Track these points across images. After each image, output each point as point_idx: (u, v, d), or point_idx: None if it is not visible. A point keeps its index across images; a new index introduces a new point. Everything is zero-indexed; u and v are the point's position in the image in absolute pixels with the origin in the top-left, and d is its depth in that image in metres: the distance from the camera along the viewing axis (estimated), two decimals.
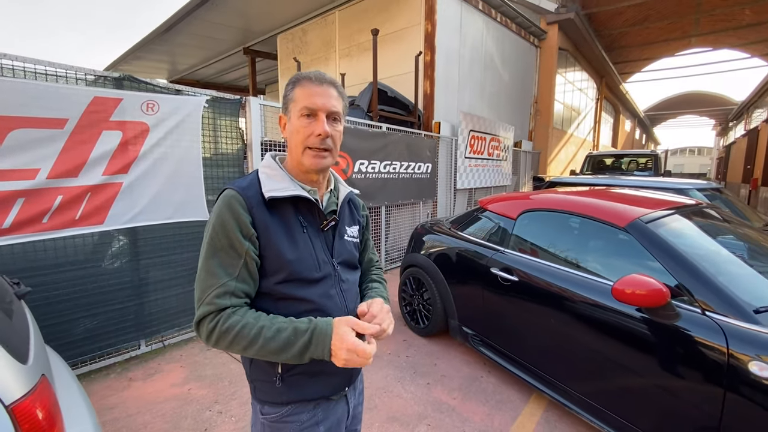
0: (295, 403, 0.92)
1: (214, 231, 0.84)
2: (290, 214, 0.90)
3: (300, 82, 0.90)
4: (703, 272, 1.64)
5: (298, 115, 0.88)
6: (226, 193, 0.86)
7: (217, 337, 0.79)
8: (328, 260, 0.94)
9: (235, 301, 0.82)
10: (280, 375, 0.89)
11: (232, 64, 10.73)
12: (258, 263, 0.86)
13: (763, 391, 1.34)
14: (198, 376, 2.60)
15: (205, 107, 2.98)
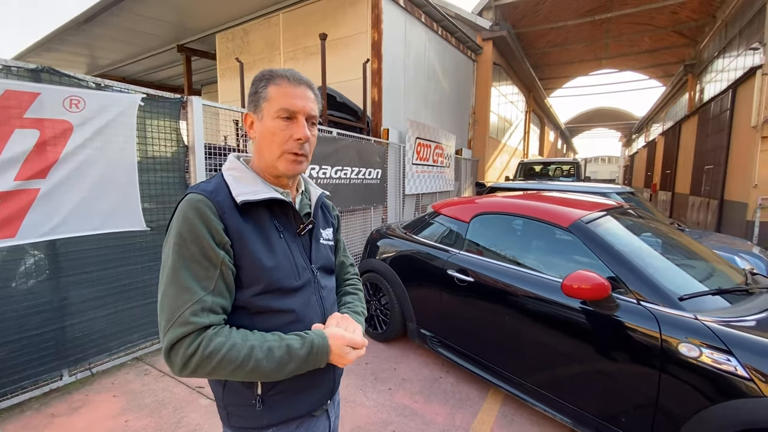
0: (276, 426, 0.84)
1: (181, 239, 0.73)
2: (265, 219, 0.83)
3: (275, 80, 0.83)
4: (636, 266, 1.85)
5: (274, 116, 0.81)
6: (192, 198, 0.76)
7: (198, 363, 0.69)
8: (307, 266, 0.89)
9: (214, 318, 0.73)
10: (260, 397, 0.81)
11: (163, 61, 9.90)
12: (234, 273, 0.78)
13: (691, 369, 1.53)
14: (136, 405, 2.32)
15: (140, 106, 2.72)
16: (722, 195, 10.10)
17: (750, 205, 8.41)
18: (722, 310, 1.69)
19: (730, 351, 1.46)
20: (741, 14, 10.51)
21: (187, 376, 0.71)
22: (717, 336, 1.51)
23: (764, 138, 8.18)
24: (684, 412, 1.56)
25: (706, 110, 12.05)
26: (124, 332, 2.76)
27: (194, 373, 0.70)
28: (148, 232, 2.84)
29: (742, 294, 1.87)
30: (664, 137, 18.22)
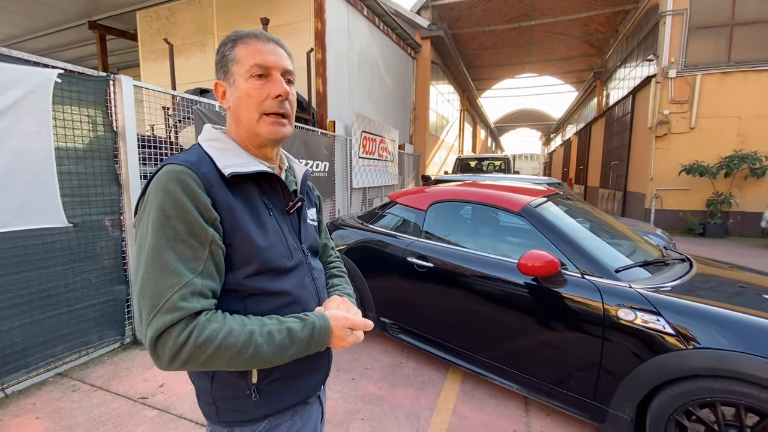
0: (272, 416, 0.79)
1: (163, 216, 0.64)
2: (254, 194, 0.77)
3: (242, 39, 0.76)
4: (579, 244, 2.06)
5: (247, 77, 0.75)
6: (173, 169, 0.67)
7: (190, 353, 0.61)
8: (298, 246, 0.84)
9: (205, 303, 0.65)
10: (255, 386, 0.75)
11: (71, 39, 8.65)
12: (224, 253, 0.70)
13: (628, 331, 1.75)
14: (66, 426, 2.03)
15: (57, 83, 2.36)
16: (626, 187, 11.62)
17: (647, 195, 9.77)
18: (647, 279, 1.96)
19: (659, 312, 1.70)
20: (639, 29, 12.11)
21: (177, 368, 0.63)
22: (648, 301, 1.75)
23: (658, 138, 9.53)
24: (622, 370, 1.78)
25: (611, 113, 13.74)
26: (44, 344, 2.39)
27: (185, 364, 0.63)
28: (71, 228, 2.49)
29: (661, 265, 2.18)
30: (578, 137, 20.43)
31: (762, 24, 8.87)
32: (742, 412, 1.53)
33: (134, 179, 2.83)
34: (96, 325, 2.70)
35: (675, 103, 9.32)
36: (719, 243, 8.14)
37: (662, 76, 9.38)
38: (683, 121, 9.32)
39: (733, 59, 9.06)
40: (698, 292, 1.85)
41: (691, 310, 1.67)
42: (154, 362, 0.63)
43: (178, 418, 2.10)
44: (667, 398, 1.66)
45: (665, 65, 9.32)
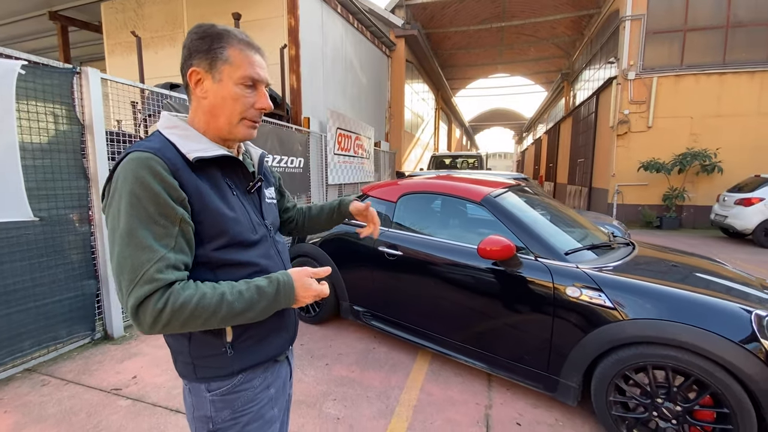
0: (246, 371, 0.87)
1: (134, 198, 0.70)
2: (218, 176, 0.83)
3: (232, 42, 0.81)
4: (533, 230, 2.24)
5: (238, 82, 0.81)
6: (140, 156, 0.72)
7: (169, 317, 0.69)
8: (261, 222, 0.92)
9: (179, 274, 0.72)
10: (230, 344, 0.83)
11: (30, 30, 8.22)
12: (194, 229, 0.77)
13: (575, 307, 1.94)
14: (36, 417, 2.03)
15: (21, 75, 2.32)
16: (591, 183, 12.20)
17: (610, 190, 10.32)
18: (594, 261, 2.16)
19: (600, 289, 1.90)
20: (602, 33, 12.71)
21: (159, 332, 0.70)
22: (592, 279, 1.94)
23: (619, 136, 10.08)
24: (570, 342, 1.96)
25: (577, 113, 14.35)
26: (10, 340, 2.36)
27: (166, 327, 0.70)
28: (37, 222, 2.46)
29: (607, 249, 2.40)
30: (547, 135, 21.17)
31: (711, 30, 9.54)
32: (670, 373, 1.74)
33: (102, 173, 2.80)
34: (65, 321, 2.67)
35: (634, 103, 9.88)
36: (673, 234, 8.72)
37: (622, 78, 9.92)
38: (641, 121, 9.90)
39: (686, 63, 9.70)
40: (636, 270, 2.06)
41: (627, 285, 1.87)
42: (137, 327, 0.71)
43: (153, 406, 2.13)
44: (608, 365, 1.85)
45: (625, 68, 9.86)
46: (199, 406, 0.86)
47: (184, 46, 0.82)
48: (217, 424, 0.84)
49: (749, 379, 1.57)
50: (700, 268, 2.21)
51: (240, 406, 0.86)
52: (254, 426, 0.87)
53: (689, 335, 1.65)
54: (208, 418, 0.85)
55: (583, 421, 2.07)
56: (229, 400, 0.85)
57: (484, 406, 2.20)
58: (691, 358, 1.66)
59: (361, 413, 2.11)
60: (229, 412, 0.85)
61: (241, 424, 0.86)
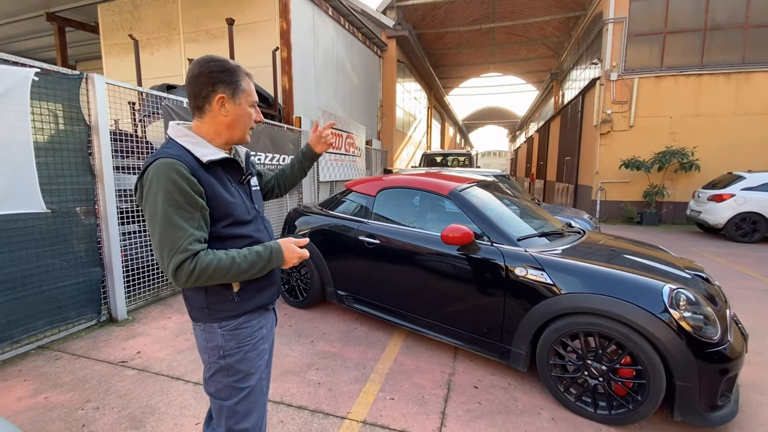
0: (247, 314, 1.16)
1: (168, 193, 0.98)
2: (221, 173, 1.12)
3: (244, 77, 1.13)
4: (490, 219, 2.55)
5: (249, 105, 1.14)
6: (165, 162, 1.00)
7: (198, 274, 0.98)
8: (251, 206, 1.21)
9: (201, 246, 1.02)
10: (236, 293, 1.13)
11: (27, 30, 8.40)
12: (208, 211, 1.06)
13: (522, 284, 2.25)
14: (53, 384, 2.31)
15: (34, 81, 2.59)
16: (576, 180, 12.57)
17: (594, 187, 10.69)
18: (544, 246, 2.48)
19: (543, 268, 2.21)
20: (587, 34, 13.07)
21: (191, 285, 1.01)
22: (536, 260, 2.25)
23: (602, 135, 10.44)
24: (519, 315, 2.27)
25: (565, 112, 14.72)
26: (26, 319, 2.63)
27: (196, 282, 1.00)
28: (49, 214, 2.73)
29: (558, 236, 2.72)
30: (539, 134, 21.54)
31: (689, 33, 9.92)
32: (597, 338, 2.05)
33: (107, 170, 3.07)
34: (74, 303, 2.95)
35: (616, 103, 10.24)
36: (652, 230, 9.10)
37: (605, 79, 10.28)
38: (623, 120, 10.27)
39: (666, 64, 10.07)
40: (576, 253, 2.37)
41: (564, 265, 2.19)
42: (175, 284, 1.03)
43: (156, 375, 2.43)
44: (548, 334, 2.17)
45: (608, 69, 10.22)
46: (212, 339, 1.14)
47: (204, 74, 1.07)
48: (226, 351, 1.14)
49: (658, 342, 1.89)
50: (632, 252, 2.54)
51: (243, 338, 1.15)
52: (252, 354, 1.17)
53: (611, 305, 1.97)
54: (220, 347, 1.13)
55: (531, 385, 2.39)
56: (235, 334, 1.14)
57: (448, 374, 2.51)
58: (613, 325, 1.98)
59: (340, 379, 2.42)
60: (235, 342, 1.14)
61: (243, 352, 1.15)
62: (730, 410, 1.97)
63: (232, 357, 1.14)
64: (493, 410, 2.14)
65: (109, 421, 2.00)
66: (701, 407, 1.88)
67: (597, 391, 2.08)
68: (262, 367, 1.21)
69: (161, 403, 2.14)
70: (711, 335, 1.89)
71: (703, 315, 1.93)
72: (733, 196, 7.46)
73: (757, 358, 2.74)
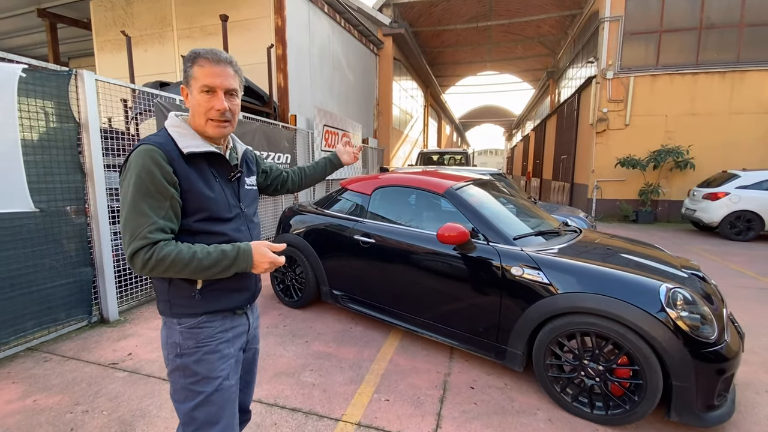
0: (209, 314, 1.11)
1: (139, 178, 0.96)
2: (204, 166, 1.08)
3: (197, 60, 1.03)
4: (486, 218, 2.53)
5: (199, 91, 1.03)
6: (145, 148, 0.99)
7: (154, 264, 0.95)
8: (236, 204, 1.16)
9: (165, 236, 0.98)
10: (199, 291, 1.08)
11: (18, 26, 8.28)
12: (181, 205, 1.02)
13: (518, 284, 2.23)
14: (42, 387, 2.27)
15: (21, 78, 2.53)
16: (572, 179, 12.60)
17: (590, 186, 10.71)
18: (540, 245, 2.46)
19: (539, 268, 2.19)
20: (583, 33, 13.08)
21: (148, 274, 0.98)
22: (533, 260, 2.23)
23: (598, 133, 10.45)
24: (515, 315, 2.26)
25: (561, 110, 14.73)
26: (15, 320, 2.58)
27: (152, 271, 0.97)
28: (38, 213, 2.68)
29: (554, 234, 2.70)
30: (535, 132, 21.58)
31: (685, 31, 9.94)
32: (593, 338, 2.04)
33: (98, 168, 3.02)
34: (64, 304, 2.89)
35: (612, 102, 10.26)
36: (648, 228, 9.13)
37: (601, 77, 10.29)
38: (619, 119, 10.29)
39: (661, 63, 10.09)
40: (572, 252, 2.36)
41: (560, 264, 2.17)
42: (133, 270, 1.00)
43: (147, 377, 2.39)
44: (545, 333, 2.15)
45: (604, 67, 10.23)
46: (171, 335, 1.10)
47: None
48: (183, 349, 1.08)
49: (655, 341, 1.87)
50: (628, 250, 2.53)
51: (202, 338, 1.10)
52: (212, 357, 1.11)
53: (607, 305, 1.95)
54: (177, 344, 1.09)
55: (528, 385, 2.37)
56: (194, 333, 1.09)
57: (443, 374, 2.49)
58: (609, 325, 1.96)
59: (334, 380, 2.39)
60: (193, 341, 1.09)
61: (201, 352, 1.10)
62: (726, 410, 1.96)
63: (189, 357, 1.09)
64: (489, 411, 2.12)
65: (98, 424, 1.96)
66: (698, 407, 1.87)
67: (593, 391, 2.06)
68: (226, 373, 1.13)
69: (152, 406, 2.10)
70: (708, 335, 1.88)
71: (700, 314, 1.92)
72: (728, 194, 7.49)
73: (752, 357, 2.73)
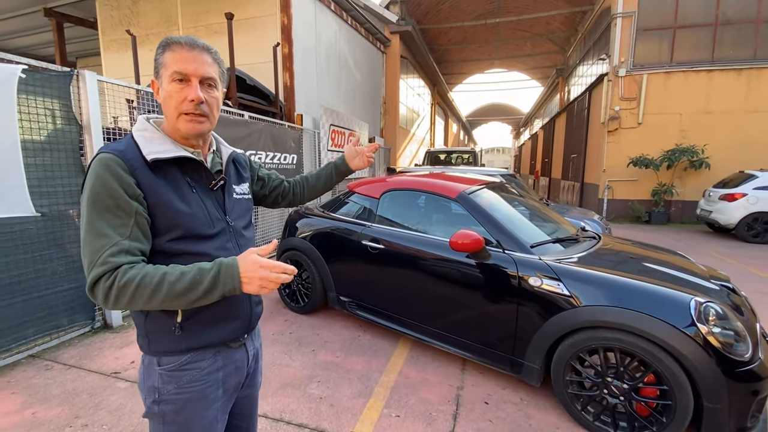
0: (195, 351, 0.92)
1: (94, 193, 0.80)
2: (176, 175, 0.90)
3: (170, 46, 0.87)
4: (502, 224, 2.41)
5: (169, 80, 0.86)
6: (102, 156, 0.82)
7: (117, 294, 0.77)
8: (221, 217, 0.97)
9: (131, 258, 0.80)
10: (179, 324, 0.89)
11: (25, 26, 8.28)
12: (149, 222, 0.85)
13: (536, 295, 2.11)
14: (42, 398, 2.20)
15: (21, 78, 2.46)
16: (583, 178, 12.38)
17: (600, 186, 10.50)
18: (559, 253, 2.34)
19: (559, 278, 2.07)
20: (595, 29, 12.82)
21: (113, 307, 0.79)
22: (552, 269, 2.11)
23: (610, 132, 10.23)
24: (533, 328, 2.14)
25: (571, 108, 14.48)
26: (16, 327, 2.52)
27: (116, 302, 0.78)
28: (39, 218, 2.61)
29: (573, 241, 2.57)
30: (543, 131, 21.30)
31: (700, 27, 9.67)
32: (618, 355, 1.92)
33: None
34: (66, 310, 2.83)
35: (624, 100, 10.02)
36: (661, 229, 8.92)
37: (613, 75, 10.06)
38: (632, 117, 10.06)
39: (675, 60, 9.83)
40: (594, 261, 2.23)
41: (582, 275, 2.05)
42: (97, 303, 0.84)
43: None
44: (565, 348, 2.03)
45: (616, 64, 9.99)
46: (149, 377, 0.93)
47: None
48: (162, 395, 0.91)
49: (686, 360, 1.75)
50: (653, 259, 2.39)
51: (185, 382, 0.92)
52: (196, 404, 0.93)
53: (634, 320, 1.83)
54: (155, 389, 0.91)
55: (545, 401, 2.26)
56: (176, 376, 0.92)
57: (456, 387, 2.38)
58: (635, 341, 1.84)
59: (342, 393, 2.29)
60: (174, 386, 0.91)
61: (183, 400, 0.92)
62: (759, 431, 1.83)
63: (169, 404, 0.91)
64: (504, 429, 2.01)
65: None
66: (730, 429, 1.75)
67: (617, 410, 1.94)
68: (210, 419, 0.96)
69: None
70: (742, 353, 1.75)
71: (734, 331, 1.79)
72: (745, 195, 7.26)
73: None
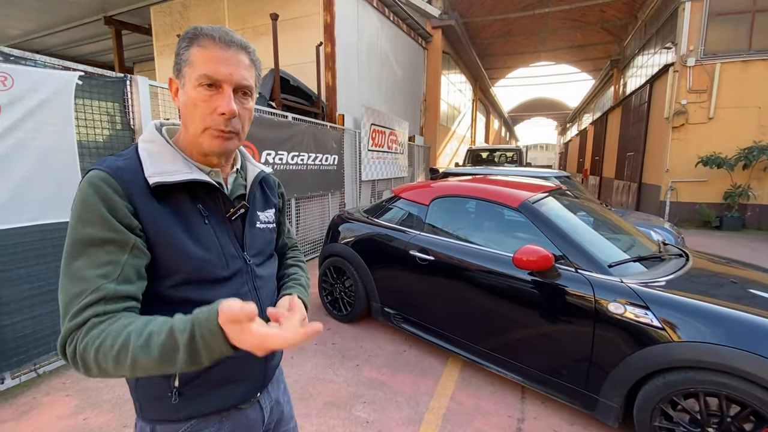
0: (197, 418, 0.77)
1: (79, 223, 0.62)
2: (185, 202, 0.72)
3: (199, 39, 0.68)
4: (574, 240, 2.12)
5: (195, 84, 0.68)
6: (93, 175, 0.65)
7: (82, 360, 0.58)
8: (238, 254, 0.79)
9: (109, 307, 0.61)
10: (177, 389, 0.72)
11: (87, 34, 8.88)
12: (149, 259, 0.67)
13: (618, 324, 1.82)
14: (93, 403, 2.22)
15: (78, 85, 2.50)
16: (640, 179, 11.40)
17: (663, 187, 9.59)
18: (641, 274, 2.01)
19: (647, 306, 1.76)
20: (658, 16, 11.72)
21: (86, 374, 0.60)
22: (637, 295, 1.81)
23: (674, 128, 9.31)
24: (612, 360, 1.85)
25: (628, 102, 13.39)
26: None
27: (88, 371, 0.59)
28: None
29: (656, 260, 2.22)
30: (594, 126, 19.96)
31: None
32: (724, 402, 1.59)
33: None
34: None
35: (693, 92, 9.05)
36: (734, 236, 7.98)
37: (680, 65, 9.11)
38: (701, 111, 9.07)
39: (754, 47, 8.73)
40: (689, 286, 1.89)
41: (678, 304, 1.73)
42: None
43: None
44: (653, 388, 1.73)
45: (684, 53, 9.04)
46: None
47: None
48: None
49: None
50: (761, 284, 2.00)
51: None
52: None
53: (747, 363, 1.50)
54: None
55: None
56: None
57: (516, 419, 2.13)
58: (748, 388, 1.51)
59: (390, 417, 2.12)
60: None
61: None
62: None
63: None
64: None
65: None
66: None
67: None
68: None
69: None
70: None
71: None
72: None
73: None
